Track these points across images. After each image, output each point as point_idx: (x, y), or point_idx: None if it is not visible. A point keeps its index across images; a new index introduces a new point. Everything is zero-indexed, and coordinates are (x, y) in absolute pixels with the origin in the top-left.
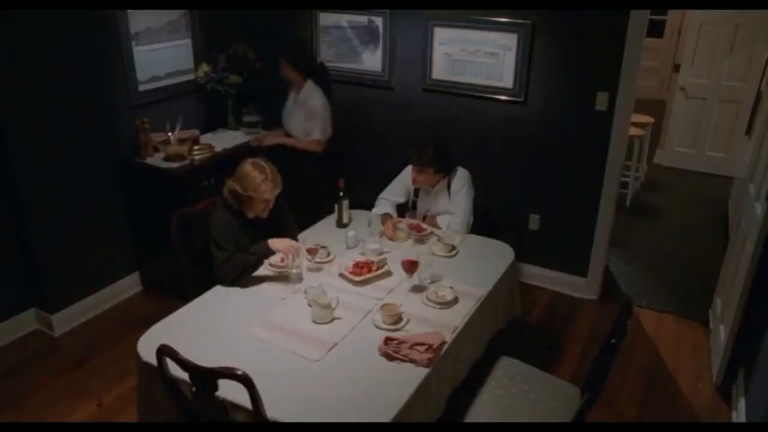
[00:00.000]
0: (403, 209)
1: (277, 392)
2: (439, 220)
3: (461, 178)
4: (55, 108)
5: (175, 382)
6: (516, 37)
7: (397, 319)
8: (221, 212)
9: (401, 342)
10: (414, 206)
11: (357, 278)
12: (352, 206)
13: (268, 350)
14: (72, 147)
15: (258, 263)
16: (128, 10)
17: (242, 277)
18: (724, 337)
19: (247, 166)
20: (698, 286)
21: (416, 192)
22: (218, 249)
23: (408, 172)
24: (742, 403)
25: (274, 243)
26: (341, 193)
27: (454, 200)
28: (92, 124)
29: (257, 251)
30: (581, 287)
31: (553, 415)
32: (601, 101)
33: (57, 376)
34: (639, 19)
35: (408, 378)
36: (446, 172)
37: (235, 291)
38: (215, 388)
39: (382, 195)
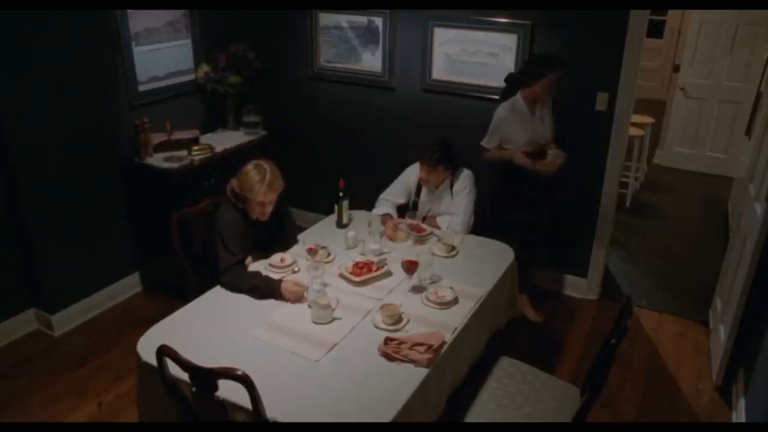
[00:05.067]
0: (403, 209)
1: (277, 392)
2: (439, 220)
3: (464, 179)
4: (54, 108)
5: (175, 382)
6: (516, 37)
7: (397, 319)
8: (230, 212)
9: (401, 342)
10: (415, 206)
11: (357, 278)
12: (352, 206)
13: (268, 350)
14: (72, 147)
15: (263, 296)
16: (128, 10)
17: (239, 292)
18: (724, 337)
19: (249, 166)
20: (698, 286)
21: (417, 192)
22: (227, 251)
23: (409, 172)
24: (742, 403)
25: (285, 290)
26: (341, 193)
27: (456, 200)
28: (92, 125)
29: (267, 287)
30: (581, 287)
31: (553, 415)
32: (601, 101)
33: (57, 376)
34: (639, 19)
35: (408, 378)
36: (453, 169)
37: None
38: (215, 388)
39: (382, 195)
